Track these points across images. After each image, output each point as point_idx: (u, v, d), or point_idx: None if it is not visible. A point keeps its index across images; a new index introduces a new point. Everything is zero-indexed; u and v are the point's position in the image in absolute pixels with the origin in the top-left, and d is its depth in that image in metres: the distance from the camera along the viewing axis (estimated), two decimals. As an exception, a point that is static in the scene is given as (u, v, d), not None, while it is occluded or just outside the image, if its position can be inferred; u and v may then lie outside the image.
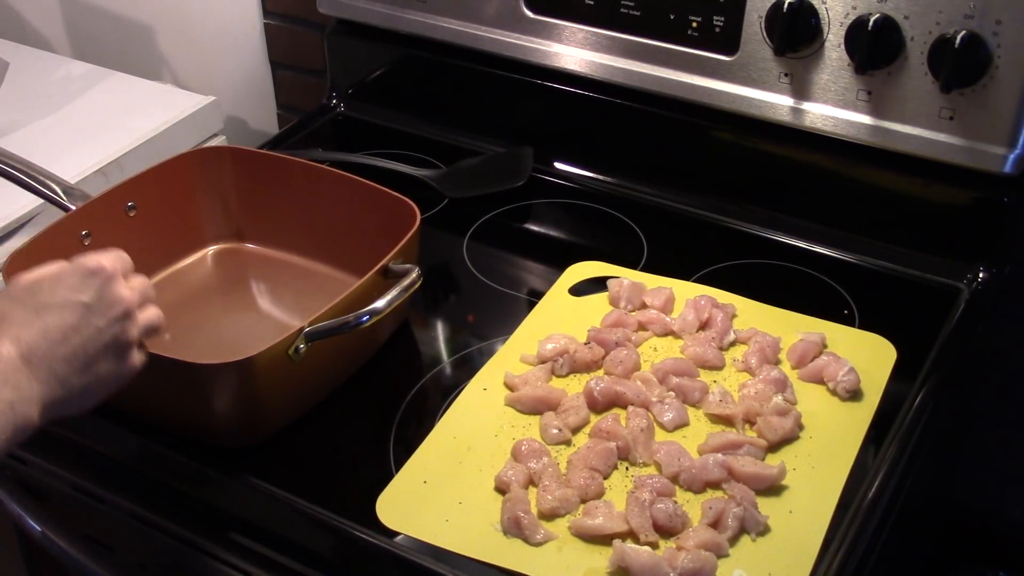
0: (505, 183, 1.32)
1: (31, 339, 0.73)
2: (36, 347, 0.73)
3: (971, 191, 1.13)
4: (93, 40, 1.87)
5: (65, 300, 0.75)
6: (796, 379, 1.02)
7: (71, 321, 0.75)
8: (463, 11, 1.34)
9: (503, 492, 0.90)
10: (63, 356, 0.74)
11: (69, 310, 0.75)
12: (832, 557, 0.85)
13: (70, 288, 0.76)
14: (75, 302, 0.76)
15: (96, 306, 0.77)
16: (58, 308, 0.75)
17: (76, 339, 0.75)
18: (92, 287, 0.77)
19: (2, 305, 0.75)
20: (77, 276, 0.77)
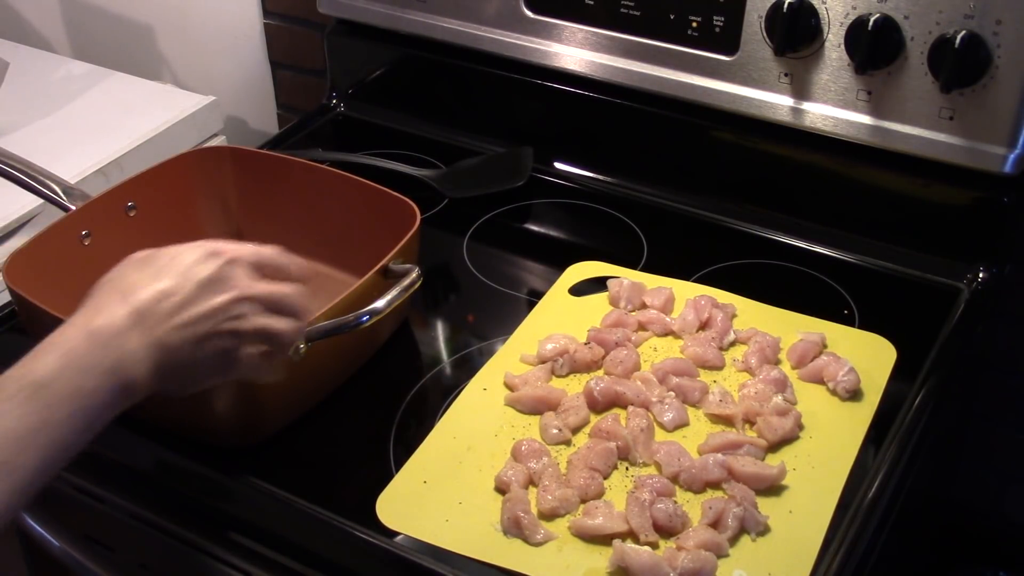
0: (505, 183, 1.32)
1: (145, 299, 0.71)
2: (149, 308, 0.71)
3: (971, 191, 1.13)
4: (93, 40, 1.87)
5: (182, 271, 0.74)
6: (796, 379, 1.02)
7: (186, 292, 0.73)
8: (463, 11, 1.34)
9: (503, 492, 0.90)
10: (176, 324, 0.72)
11: (185, 280, 0.73)
12: (832, 557, 0.85)
13: (189, 263, 0.74)
14: (193, 275, 0.74)
15: (213, 285, 0.74)
16: (174, 277, 0.73)
17: (190, 311, 0.73)
18: (212, 265, 0.75)
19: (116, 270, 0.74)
20: (197, 253, 0.75)
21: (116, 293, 0.71)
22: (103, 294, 0.72)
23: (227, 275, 0.76)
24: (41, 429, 0.64)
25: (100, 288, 0.73)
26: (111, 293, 0.71)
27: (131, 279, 0.73)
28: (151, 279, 0.73)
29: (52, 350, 0.68)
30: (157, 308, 0.71)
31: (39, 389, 0.65)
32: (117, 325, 0.69)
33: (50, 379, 0.65)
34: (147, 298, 0.71)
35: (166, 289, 0.72)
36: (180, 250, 0.76)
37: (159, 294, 0.72)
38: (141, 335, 0.70)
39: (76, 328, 0.69)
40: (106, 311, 0.70)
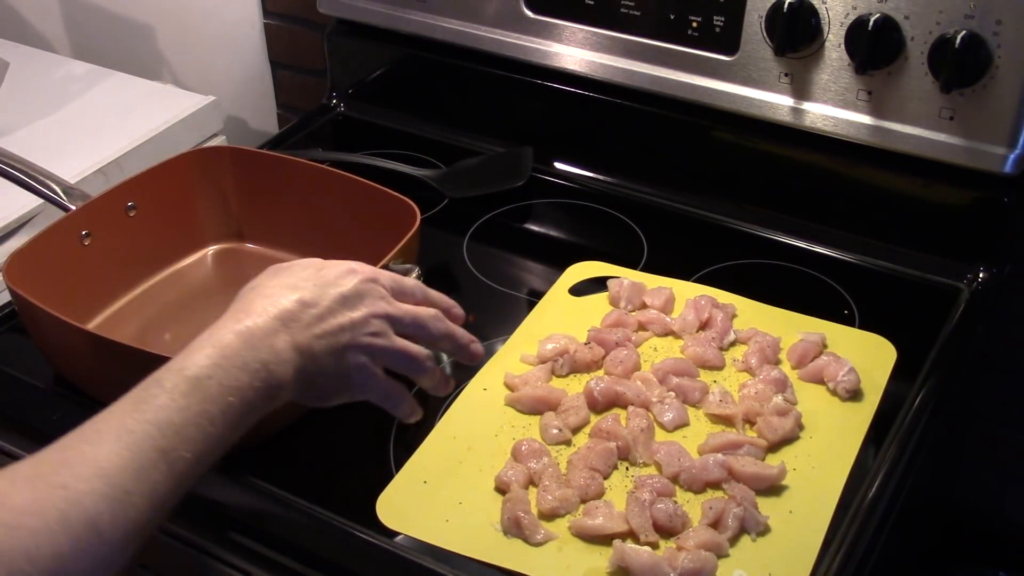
0: (505, 183, 1.32)
1: (289, 307, 0.72)
2: (293, 315, 0.72)
3: (971, 191, 1.13)
4: (93, 40, 1.87)
5: (323, 284, 0.75)
6: (796, 379, 1.02)
7: (327, 303, 0.74)
8: (463, 11, 1.34)
9: (503, 492, 0.90)
10: (318, 332, 0.73)
11: (327, 292, 0.75)
12: (832, 557, 0.85)
13: (330, 277, 0.76)
14: (333, 289, 0.75)
15: (352, 300, 0.76)
16: (316, 288, 0.74)
17: (330, 321, 0.74)
18: (352, 281, 0.76)
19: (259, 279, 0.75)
20: (339, 268, 0.77)
21: (261, 299, 0.73)
22: (248, 299, 0.74)
23: (365, 292, 0.77)
24: (199, 422, 0.66)
25: (244, 294, 0.74)
26: (256, 299, 0.73)
27: (274, 288, 0.74)
28: (293, 289, 0.74)
29: (206, 347, 0.69)
30: (301, 315, 0.73)
31: (197, 383, 0.67)
32: (266, 327, 0.71)
33: (206, 374, 0.67)
34: (291, 306, 0.73)
35: (308, 299, 0.74)
36: (322, 264, 0.78)
37: (302, 303, 0.74)
38: (288, 338, 0.72)
39: (227, 329, 0.71)
40: (254, 314, 0.72)
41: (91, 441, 0.64)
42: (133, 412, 0.65)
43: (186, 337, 1.09)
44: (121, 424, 0.64)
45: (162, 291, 1.16)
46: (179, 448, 0.65)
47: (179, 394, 0.66)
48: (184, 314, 1.13)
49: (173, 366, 0.68)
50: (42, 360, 1.05)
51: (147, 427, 0.64)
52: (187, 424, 0.65)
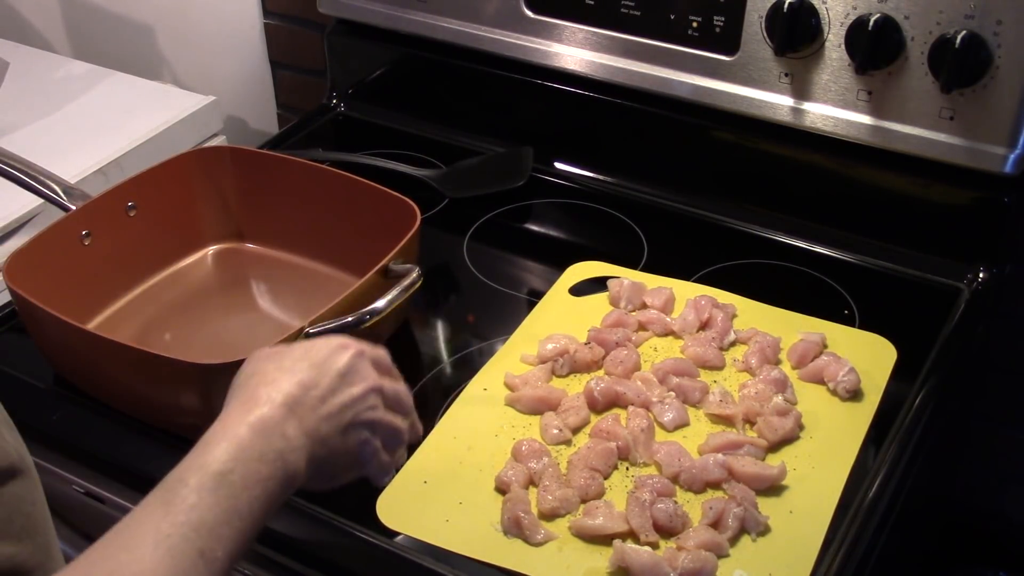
0: (505, 183, 1.32)
1: (292, 391, 0.72)
2: (298, 399, 0.72)
3: (971, 191, 1.13)
4: (93, 40, 1.87)
5: (318, 363, 0.75)
6: (796, 379, 1.02)
7: (327, 383, 0.74)
8: (463, 11, 1.34)
9: (503, 492, 0.90)
10: (324, 414, 0.73)
11: (324, 371, 0.75)
12: (832, 557, 0.85)
13: (324, 355, 0.76)
14: (330, 367, 0.75)
15: (349, 376, 0.76)
16: (312, 369, 0.74)
17: (334, 401, 0.74)
18: (345, 357, 0.76)
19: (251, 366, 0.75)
20: (326, 347, 0.77)
21: (264, 386, 0.73)
22: (249, 388, 0.73)
23: (359, 367, 0.77)
24: (230, 518, 0.66)
25: (243, 383, 0.74)
26: (257, 387, 0.73)
27: (272, 373, 0.74)
28: (291, 372, 0.74)
29: (221, 441, 0.69)
30: (305, 398, 0.73)
31: (221, 479, 0.67)
32: (275, 415, 0.71)
33: (228, 469, 0.67)
34: (294, 390, 0.73)
35: (308, 381, 0.74)
36: (310, 344, 0.77)
37: (303, 386, 0.73)
38: (297, 424, 0.72)
39: (238, 421, 0.70)
40: (261, 403, 0.71)
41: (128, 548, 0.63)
42: (165, 515, 0.64)
43: (186, 337, 1.10)
44: (157, 529, 0.64)
45: (162, 291, 1.16)
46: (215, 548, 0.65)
47: (206, 492, 0.66)
48: (184, 314, 1.13)
49: (193, 463, 0.68)
50: (42, 360, 1.05)
51: (183, 529, 0.64)
52: (219, 523, 0.65)
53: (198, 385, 0.93)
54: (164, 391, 0.96)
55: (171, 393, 0.95)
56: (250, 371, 0.75)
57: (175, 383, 0.94)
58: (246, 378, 0.74)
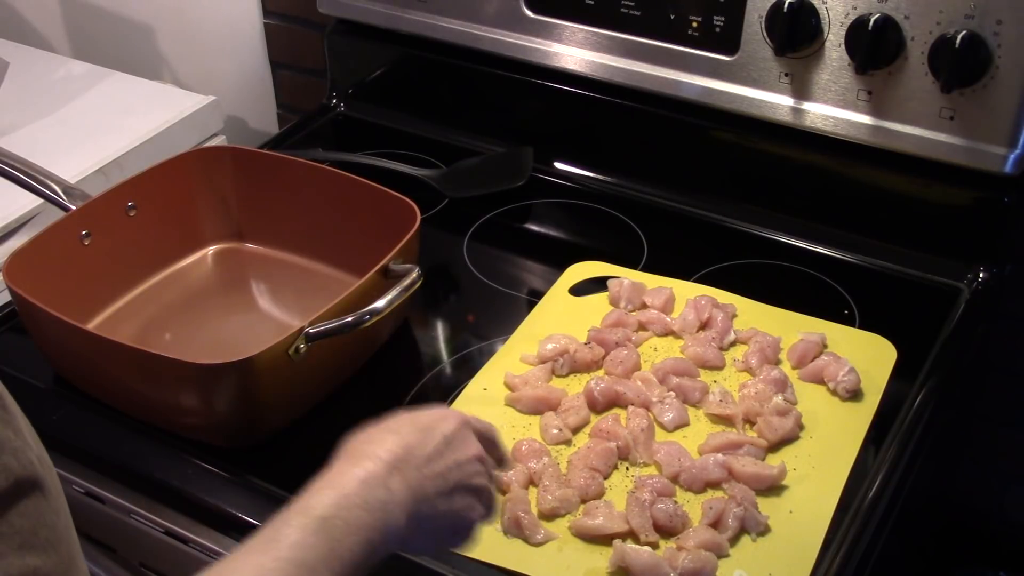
0: (505, 183, 1.32)
1: (398, 450, 0.73)
2: (403, 458, 0.73)
3: (971, 191, 1.13)
4: (93, 40, 1.87)
5: (424, 427, 0.76)
6: (796, 379, 1.02)
7: (433, 445, 0.75)
8: (463, 11, 1.34)
9: (503, 492, 0.90)
10: (428, 473, 0.74)
11: (430, 436, 0.75)
12: (832, 557, 0.85)
13: (429, 421, 0.76)
14: (436, 432, 0.76)
15: (455, 442, 0.76)
16: (418, 431, 0.75)
17: (440, 462, 0.75)
18: (452, 423, 0.77)
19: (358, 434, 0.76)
20: (431, 414, 0.77)
21: (369, 445, 0.74)
22: (354, 448, 0.74)
23: (464, 435, 0.78)
24: (329, 561, 0.66)
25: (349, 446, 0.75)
26: (364, 446, 0.74)
27: (379, 434, 0.75)
28: (397, 434, 0.75)
29: (326, 489, 0.70)
30: (410, 458, 0.74)
31: (324, 522, 0.67)
32: (380, 470, 0.72)
33: (331, 513, 0.68)
34: (399, 449, 0.74)
35: (414, 443, 0.75)
36: (417, 412, 0.78)
37: (408, 447, 0.74)
38: (400, 479, 0.72)
39: (344, 473, 0.71)
40: (366, 460, 0.72)
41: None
42: (266, 551, 0.65)
43: (186, 337, 1.10)
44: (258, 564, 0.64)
45: (162, 291, 1.16)
46: None
47: (309, 532, 0.67)
48: (184, 314, 1.13)
49: (296, 508, 0.69)
50: (42, 360, 1.05)
51: (284, 564, 0.64)
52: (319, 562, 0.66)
53: (198, 385, 0.93)
54: (164, 391, 0.96)
55: (171, 393, 0.95)
56: (356, 436, 0.76)
57: (175, 383, 0.94)
58: (354, 439, 0.75)
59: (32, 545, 0.62)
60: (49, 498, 0.64)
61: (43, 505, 0.63)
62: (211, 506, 0.94)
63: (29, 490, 0.62)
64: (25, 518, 0.62)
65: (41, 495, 0.63)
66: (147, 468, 0.98)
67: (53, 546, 0.64)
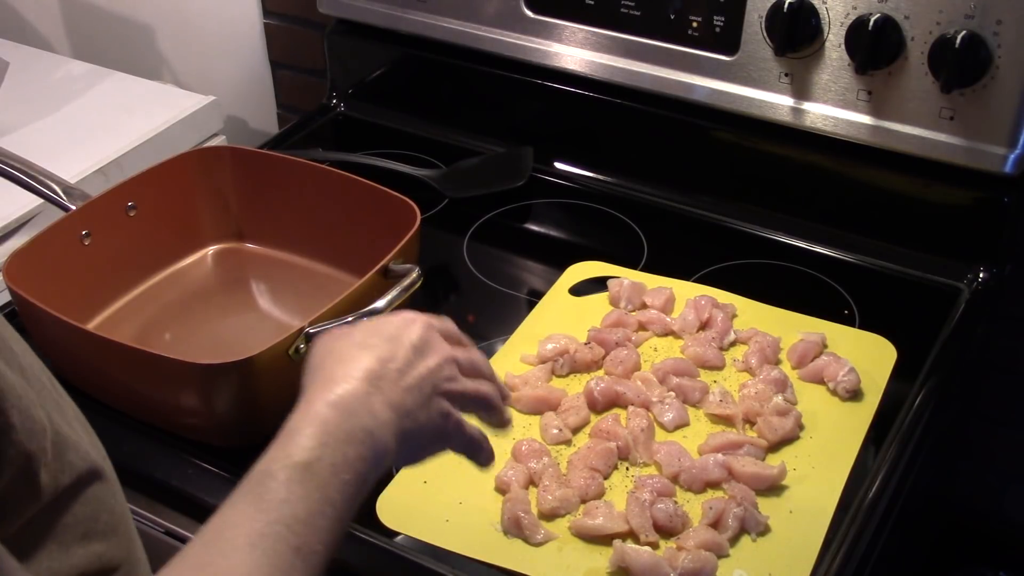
0: (505, 183, 1.32)
1: (371, 366, 0.70)
2: (378, 373, 0.70)
3: (971, 191, 1.13)
4: (93, 40, 1.87)
5: (391, 337, 0.73)
6: (796, 379, 1.02)
7: (404, 355, 0.72)
8: (463, 11, 1.34)
9: (503, 492, 0.90)
10: (405, 386, 0.72)
11: (398, 345, 0.73)
12: (832, 557, 0.85)
13: (393, 329, 0.74)
14: (404, 340, 0.73)
15: (424, 347, 0.74)
16: (387, 343, 0.73)
17: (413, 374, 0.72)
18: (416, 331, 0.75)
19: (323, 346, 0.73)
20: (395, 321, 0.75)
21: (339, 365, 0.71)
22: (326, 368, 0.71)
23: (430, 338, 0.76)
24: (322, 510, 0.64)
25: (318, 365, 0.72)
26: (334, 366, 0.71)
27: (345, 352, 0.72)
28: (366, 347, 0.72)
29: (304, 428, 0.67)
30: (384, 372, 0.71)
31: (308, 469, 0.65)
32: (358, 391, 0.69)
33: (315, 457, 0.65)
34: (372, 365, 0.71)
35: (385, 355, 0.72)
36: (378, 320, 0.76)
37: (381, 360, 0.71)
38: (381, 399, 0.70)
39: (318, 402, 0.68)
40: (341, 381, 0.69)
41: (224, 553, 0.62)
42: (257, 513, 0.63)
43: (186, 337, 1.10)
44: (251, 529, 0.62)
45: (162, 291, 1.16)
46: (311, 542, 0.63)
47: (296, 484, 0.64)
48: (184, 314, 1.13)
49: (278, 454, 0.66)
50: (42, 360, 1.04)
51: (276, 527, 0.62)
52: (312, 515, 0.63)
53: (198, 385, 0.93)
54: (164, 391, 0.96)
55: (171, 393, 0.95)
56: (323, 352, 0.72)
57: (175, 383, 0.94)
58: (320, 360, 0.72)
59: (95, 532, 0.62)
60: (108, 483, 0.64)
61: (102, 491, 0.63)
62: (211, 506, 0.93)
63: (89, 480, 0.62)
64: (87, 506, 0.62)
65: (100, 482, 0.63)
66: (147, 468, 0.98)
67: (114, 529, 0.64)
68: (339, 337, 0.74)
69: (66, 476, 0.59)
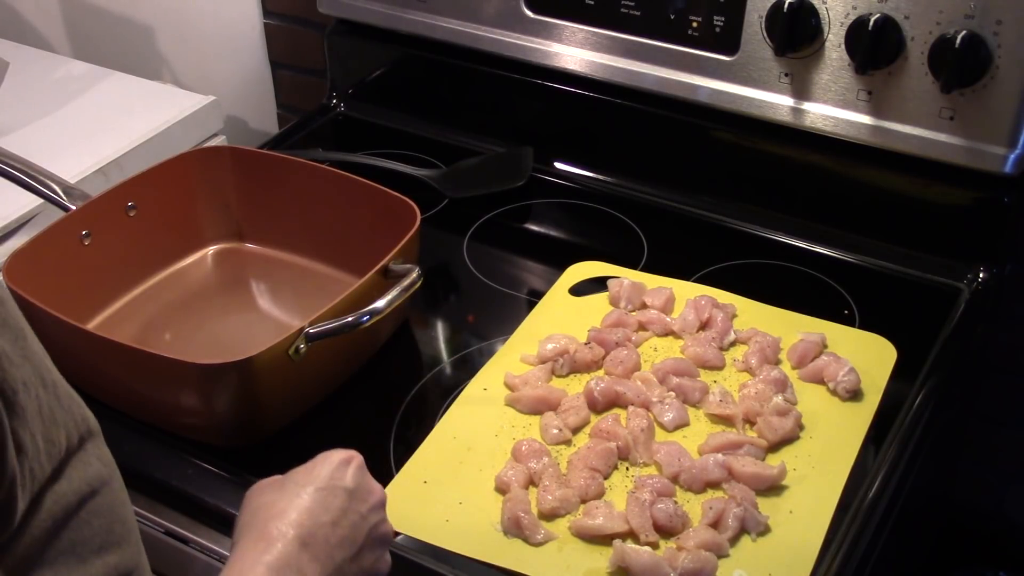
0: (505, 183, 1.32)
1: (303, 520, 0.71)
2: (310, 529, 0.71)
3: (971, 191, 1.13)
4: (93, 40, 1.87)
5: (323, 484, 0.73)
6: (796, 379, 1.02)
7: (338, 504, 0.73)
8: (463, 11, 1.34)
9: (503, 492, 0.90)
10: (336, 541, 0.72)
11: (333, 493, 0.73)
12: (832, 557, 0.85)
13: (326, 475, 0.74)
14: (336, 487, 0.74)
15: (357, 492, 0.75)
16: (322, 491, 0.73)
17: (345, 523, 0.73)
18: (349, 474, 0.75)
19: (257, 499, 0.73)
20: (329, 466, 0.75)
21: (271, 521, 0.71)
22: (258, 524, 0.71)
23: (364, 482, 0.76)
24: None
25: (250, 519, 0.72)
26: (267, 523, 0.71)
27: (278, 504, 0.72)
28: (298, 500, 0.72)
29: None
30: (317, 527, 0.71)
31: None
32: (290, 552, 0.69)
33: None
34: (304, 519, 0.71)
35: (318, 508, 0.72)
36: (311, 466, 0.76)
37: (314, 514, 0.72)
38: (311, 558, 0.70)
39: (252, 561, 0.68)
40: (274, 542, 0.69)
41: None
42: None
43: (186, 337, 1.10)
44: None
45: (162, 291, 1.16)
46: None
47: None
48: (184, 314, 1.13)
49: None
50: (42, 360, 1.04)
51: None
52: None
53: (198, 385, 0.93)
54: (164, 391, 0.96)
55: (171, 393, 0.95)
56: (255, 505, 0.73)
57: (175, 383, 0.94)
58: (252, 513, 0.72)
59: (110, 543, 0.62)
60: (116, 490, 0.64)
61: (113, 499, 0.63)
62: (211, 506, 0.94)
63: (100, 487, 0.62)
64: (101, 517, 0.62)
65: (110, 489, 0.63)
66: (147, 468, 0.98)
67: (126, 537, 0.64)
68: (271, 488, 0.74)
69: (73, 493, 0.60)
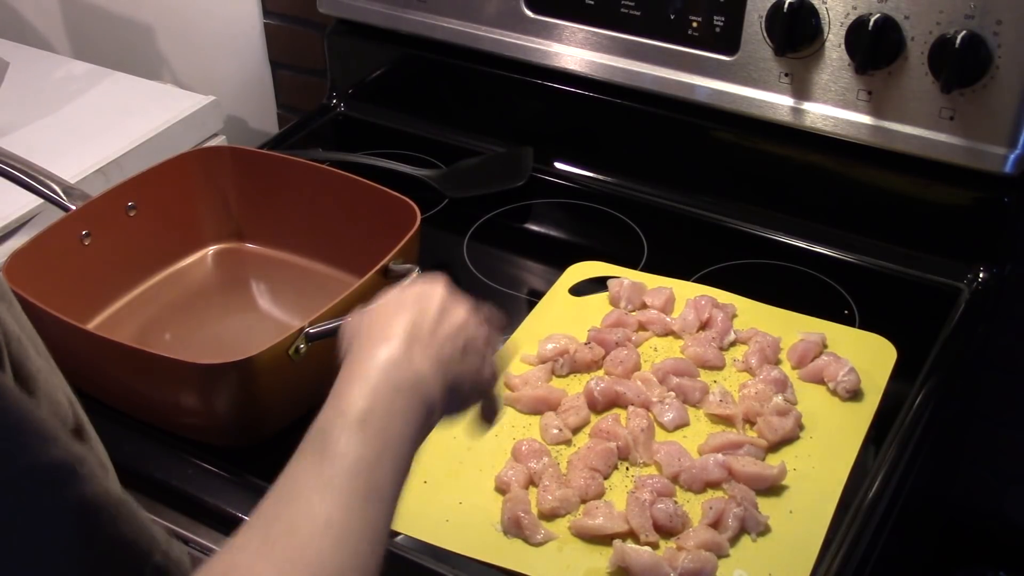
0: (505, 183, 1.32)
1: (405, 328, 0.72)
2: (413, 333, 0.72)
3: (971, 191, 1.13)
4: (93, 40, 1.87)
5: (414, 302, 0.75)
6: (796, 379, 1.02)
7: (432, 315, 0.75)
8: (463, 11, 1.34)
9: (503, 492, 0.90)
10: (441, 338, 0.74)
11: (426, 307, 0.75)
12: (832, 557, 0.85)
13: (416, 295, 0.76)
14: (428, 303, 0.75)
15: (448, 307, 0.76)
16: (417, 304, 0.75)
17: (443, 327, 0.75)
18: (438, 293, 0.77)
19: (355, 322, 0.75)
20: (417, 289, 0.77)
21: (375, 332, 0.73)
22: (362, 339, 0.73)
23: (454, 298, 0.78)
24: (381, 459, 0.66)
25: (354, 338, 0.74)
26: (369, 335, 0.73)
27: (379, 320, 0.74)
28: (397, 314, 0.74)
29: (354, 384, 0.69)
30: (419, 331, 0.73)
31: (364, 420, 0.66)
32: (399, 351, 0.71)
33: (368, 408, 0.67)
34: (406, 327, 0.73)
35: (418, 316, 0.74)
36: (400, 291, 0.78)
37: (413, 323, 0.74)
38: (422, 352, 0.72)
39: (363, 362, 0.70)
40: (380, 345, 0.71)
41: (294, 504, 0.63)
42: (320, 467, 0.65)
43: (186, 337, 1.10)
44: (316, 481, 0.64)
45: (162, 291, 1.16)
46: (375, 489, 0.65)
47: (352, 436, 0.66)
48: (184, 314, 1.13)
49: (330, 414, 0.68)
50: (42, 360, 1.04)
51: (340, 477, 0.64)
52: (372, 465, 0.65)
53: (198, 385, 0.93)
54: (164, 391, 0.96)
55: (171, 393, 0.95)
56: (356, 325, 0.75)
57: (175, 383, 0.94)
58: (354, 332, 0.74)
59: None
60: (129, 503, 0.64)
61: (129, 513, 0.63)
62: (211, 506, 0.94)
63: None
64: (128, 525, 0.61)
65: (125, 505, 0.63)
66: (147, 468, 0.98)
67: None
68: (366, 313, 0.76)
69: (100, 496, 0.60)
